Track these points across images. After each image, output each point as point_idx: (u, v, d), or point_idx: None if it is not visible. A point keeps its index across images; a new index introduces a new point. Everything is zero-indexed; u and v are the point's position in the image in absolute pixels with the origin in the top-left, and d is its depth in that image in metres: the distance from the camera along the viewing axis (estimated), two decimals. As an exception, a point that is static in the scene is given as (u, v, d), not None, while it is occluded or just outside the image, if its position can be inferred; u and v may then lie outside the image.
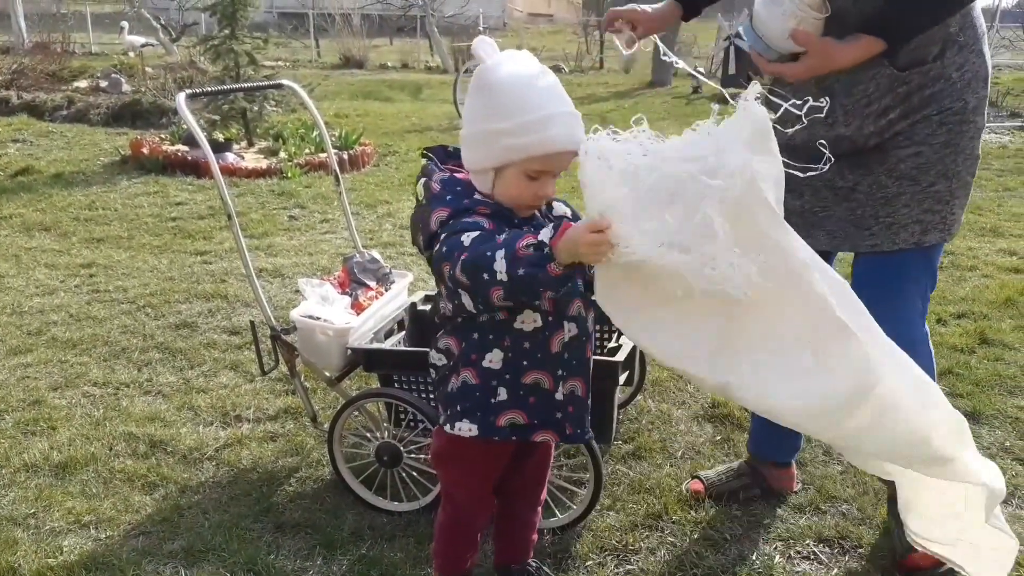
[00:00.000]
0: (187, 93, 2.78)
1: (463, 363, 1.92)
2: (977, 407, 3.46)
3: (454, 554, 2.25)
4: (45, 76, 13.11)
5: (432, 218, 1.80)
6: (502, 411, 1.92)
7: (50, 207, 6.62)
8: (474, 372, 1.91)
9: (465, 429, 1.93)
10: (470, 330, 1.89)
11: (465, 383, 1.92)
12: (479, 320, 1.87)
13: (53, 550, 2.59)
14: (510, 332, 1.87)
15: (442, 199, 1.82)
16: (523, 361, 1.89)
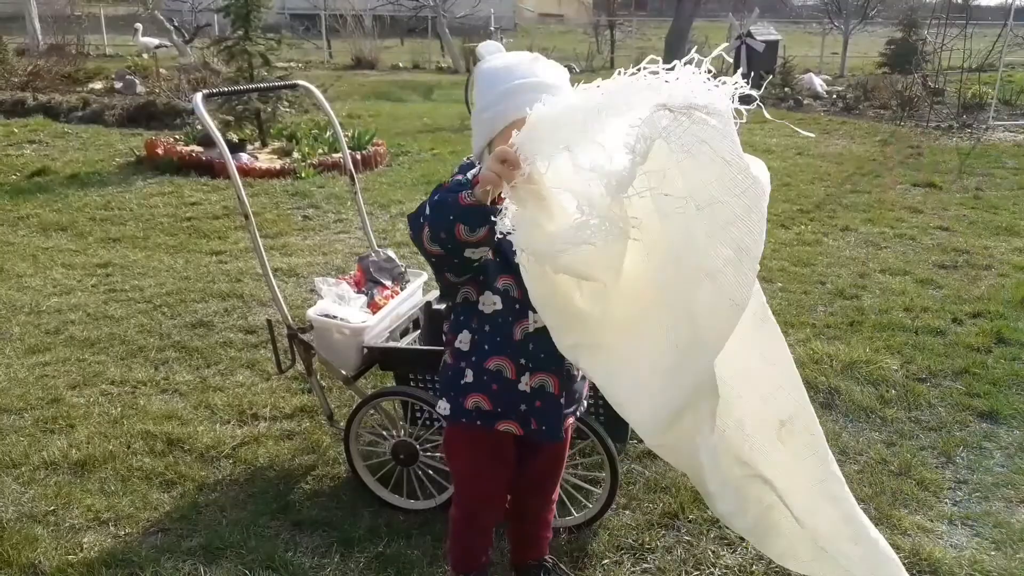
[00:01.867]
0: (204, 93, 2.80)
1: (446, 344, 2.03)
2: (995, 407, 3.44)
3: (468, 550, 2.27)
4: (60, 78, 13.21)
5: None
6: (468, 392, 1.98)
7: (66, 207, 6.67)
8: (451, 353, 2.02)
9: (442, 407, 2.03)
10: (451, 312, 2.01)
11: (445, 363, 2.04)
12: (456, 301, 1.96)
13: (73, 547, 2.61)
14: (476, 314, 1.93)
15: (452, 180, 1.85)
16: (485, 345, 1.94)
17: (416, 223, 1.72)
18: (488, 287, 1.90)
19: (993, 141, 10.09)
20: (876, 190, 7.44)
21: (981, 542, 2.64)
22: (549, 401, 1.98)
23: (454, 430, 2.08)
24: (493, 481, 2.17)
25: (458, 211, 1.63)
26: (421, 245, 1.74)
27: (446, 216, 1.65)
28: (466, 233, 1.64)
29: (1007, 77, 14.08)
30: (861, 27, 20.03)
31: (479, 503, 2.21)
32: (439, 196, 1.68)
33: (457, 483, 2.24)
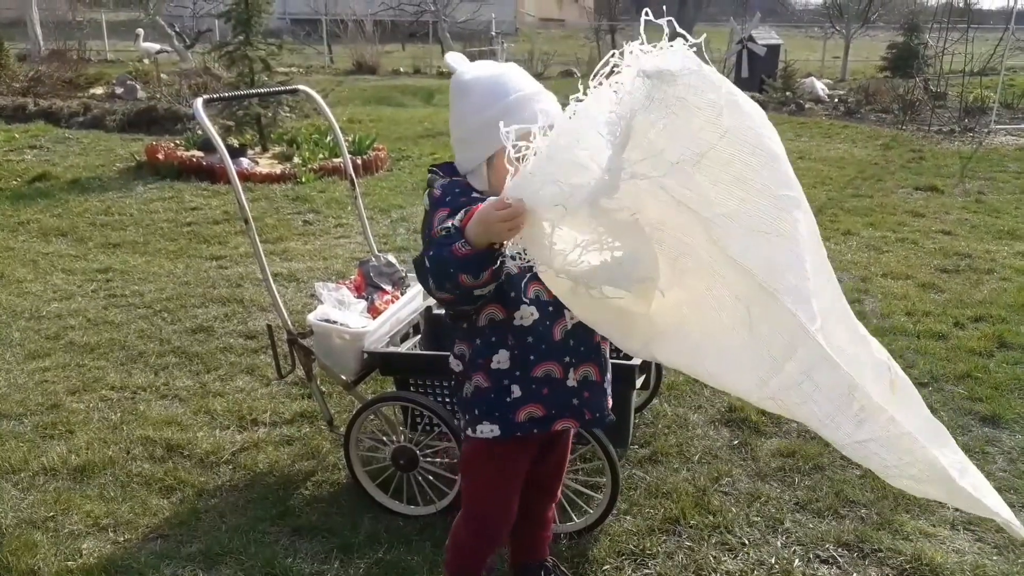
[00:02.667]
0: (204, 98, 2.79)
1: (473, 368, 1.95)
2: (997, 411, 3.43)
3: (477, 563, 2.24)
4: (61, 83, 13.21)
5: (435, 220, 1.83)
6: (519, 407, 1.94)
7: (67, 212, 6.67)
8: (484, 375, 1.94)
9: (487, 431, 1.95)
10: (474, 335, 1.93)
11: (477, 387, 1.95)
12: (479, 325, 1.91)
13: (72, 553, 2.60)
14: (512, 330, 1.90)
15: (442, 201, 1.85)
16: (530, 356, 1.92)
17: (421, 273, 1.74)
18: (520, 301, 1.88)
19: (995, 145, 10.08)
20: (878, 194, 7.43)
21: (983, 547, 2.62)
22: (595, 389, 2.01)
23: (479, 443, 2.00)
24: (513, 489, 2.14)
25: (457, 264, 1.63)
26: (431, 292, 1.75)
27: (446, 270, 1.65)
28: (470, 280, 1.66)
29: (1009, 81, 14.08)
30: (862, 31, 20.04)
31: (498, 518, 2.16)
32: (434, 252, 1.67)
33: (475, 499, 2.17)
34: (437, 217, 1.82)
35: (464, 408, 2.00)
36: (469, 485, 2.17)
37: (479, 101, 1.85)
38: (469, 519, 2.19)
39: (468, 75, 1.89)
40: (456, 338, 2.00)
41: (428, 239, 1.81)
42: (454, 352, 2.01)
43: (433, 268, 1.68)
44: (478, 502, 2.16)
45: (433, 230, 1.81)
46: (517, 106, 1.81)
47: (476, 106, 1.85)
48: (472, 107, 1.86)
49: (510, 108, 1.80)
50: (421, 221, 1.96)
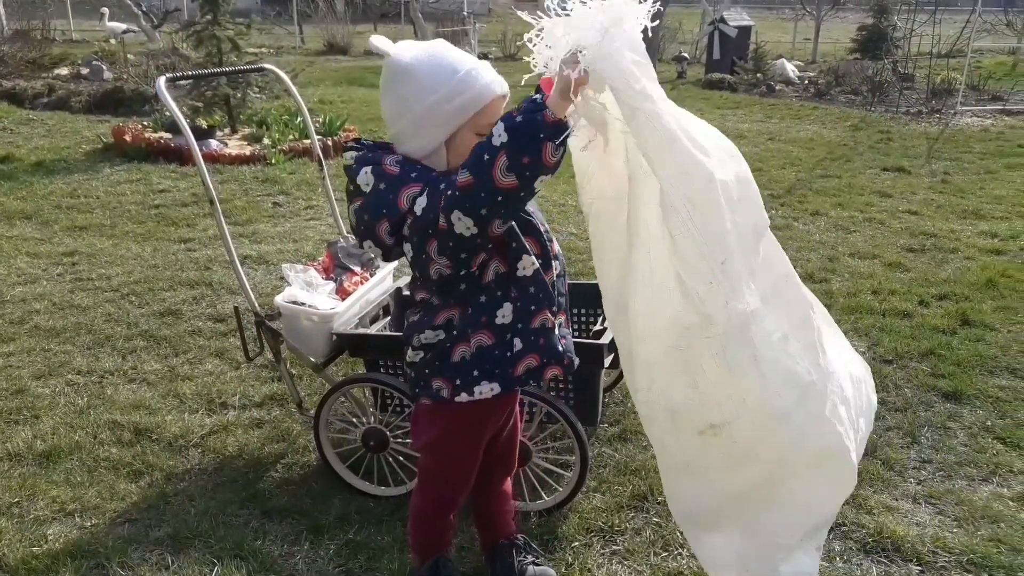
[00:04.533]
0: (167, 77, 2.75)
1: (473, 328, 1.93)
2: (959, 387, 3.49)
3: (436, 536, 2.26)
4: (25, 63, 12.93)
5: (401, 197, 1.78)
6: (519, 360, 1.96)
7: (31, 195, 6.56)
8: (488, 333, 1.94)
9: (487, 390, 1.96)
10: (477, 294, 1.92)
11: (480, 346, 1.94)
12: (484, 281, 1.90)
13: (38, 538, 2.58)
14: (515, 282, 1.92)
15: (406, 178, 1.80)
16: (531, 306, 1.95)
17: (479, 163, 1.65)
18: (522, 251, 1.91)
19: (961, 126, 10.20)
20: (846, 175, 7.50)
21: (944, 520, 2.68)
22: (568, 335, 2.07)
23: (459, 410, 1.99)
24: (477, 458, 2.17)
25: (548, 129, 1.62)
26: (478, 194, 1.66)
27: (535, 135, 1.62)
28: (551, 153, 1.64)
29: (975, 63, 14.23)
30: (833, 13, 20.12)
31: (461, 483, 2.19)
32: (520, 119, 1.63)
33: (440, 466, 2.17)
34: (407, 194, 1.76)
35: (452, 374, 1.96)
36: (435, 455, 2.16)
37: (428, 83, 1.80)
38: (428, 487, 2.21)
39: (405, 58, 1.83)
40: (438, 311, 1.94)
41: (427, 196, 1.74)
42: (432, 325, 1.95)
43: (515, 138, 1.63)
44: (443, 468, 2.17)
45: (399, 207, 1.76)
46: (468, 82, 1.81)
47: (425, 88, 1.80)
48: (421, 90, 1.81)
49: (460, 85, 1.80)
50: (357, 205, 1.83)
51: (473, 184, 1.66)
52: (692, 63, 16.47)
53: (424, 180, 1.78)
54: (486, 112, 1.83)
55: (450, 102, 1.80)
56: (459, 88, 1.80)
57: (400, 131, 1.86)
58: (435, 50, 1.85)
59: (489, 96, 1.83)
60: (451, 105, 1.80)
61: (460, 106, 1.81)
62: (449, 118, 1.82)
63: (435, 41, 1.89)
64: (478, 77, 1.82)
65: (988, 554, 2.50)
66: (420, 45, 1.87)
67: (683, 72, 15.26)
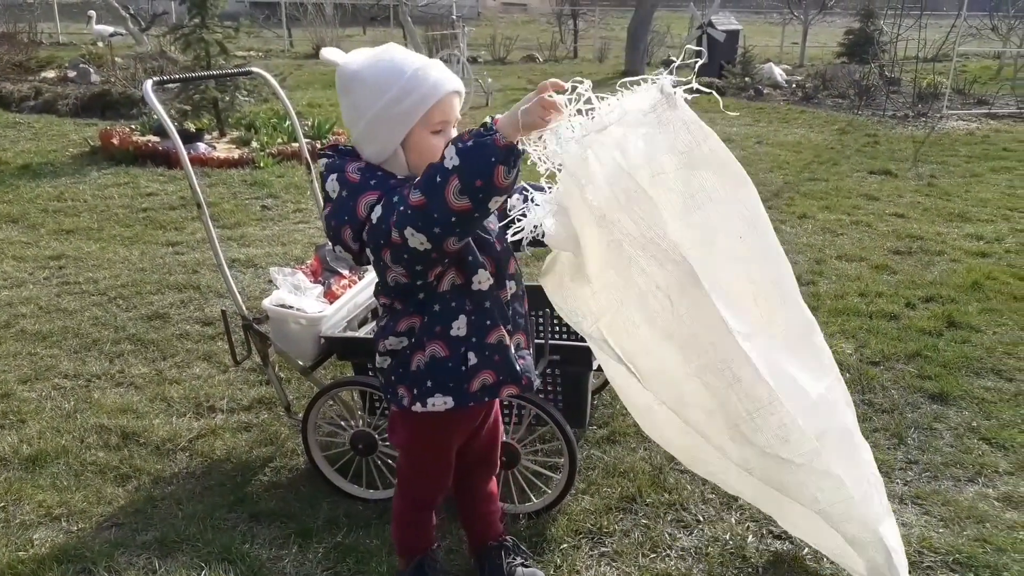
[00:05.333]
0: (154, 80, 2.74)
1: (428, 337, 1.93)
2: (945, 389, 3.52)
3: (422, 532, 2.28)
4: (11, 66, 12.88)
5: (360, 205, 1.78)
6: (474, 376, 1.95)
7: (17, 199, 6.52)
8: (443, 344, 1.93)
9: (440, 403, 1.95)
10: (432, 303, 1.91)
11: (433, 357, 1.93)
12: (440, 290, 1.89)
13: (23, 543, 2.56)
14: (471, 295, 1.92)
15: (365, 185, 1.80)
16: (486, 321, 1.94)
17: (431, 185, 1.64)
18: (477, 265, 1.90)
19: (947, 130, 10.28)
20: (833, 178, 7.54)
21: (930, 520, 2.70)
22: (526, 355, 2.06)
23: (423, 418, 2.00)
24: (450, 464, 2.18)
25: (499, 153, 1.61)
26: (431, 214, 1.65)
27: (487, 159, 1.61)
28: (504, 176, 1.62)
29: (961, 67, 14.35)
30: (820, 17, 20.24)
31: (434, 489, 2.21)
32: (472, 143, 1.62)
33: (411, 472, 2.21)
34: (364, 201, 1.76)
35: (412, 383, 1.96)
36: (407, 459, 2.19)
37: (377, 86, 1.80)
38: (405, 489, 2.23)
39: (353, 65, 1.83)
40: (400, 317, 1.95)
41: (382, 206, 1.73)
42: (396, 331, 1.95)
43: (468, 161, 1.62)
44: (415, 471, 2.19)
45: (359, 215, 1.76)
46: (416, 81, 1.81)
47: (375, 92, 1.80)
48: (371, 95, 1.81)
49: (408, 85, 1.80)
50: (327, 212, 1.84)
51: (426, 204, 1.66)
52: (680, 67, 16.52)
53: (381, 188, 1.78)
54: (438, 109, 1.83)
55: (400, 103, 1.80)
56: (408, 88, 1.80)
57: (357, 137, 1.87)
58: (383, 54, 1.85)
59: (441, 92, 1.82)
60: (402, 106, 1.80)
61: (411, 105, 1.80)
62: (402, 119, 1.81)
63: (385, 45, 1.89)
64: (427, 76, 1.81)
65: (974, 554, 2.52)
66: (370, 51, 1.87)
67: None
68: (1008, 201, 6.75)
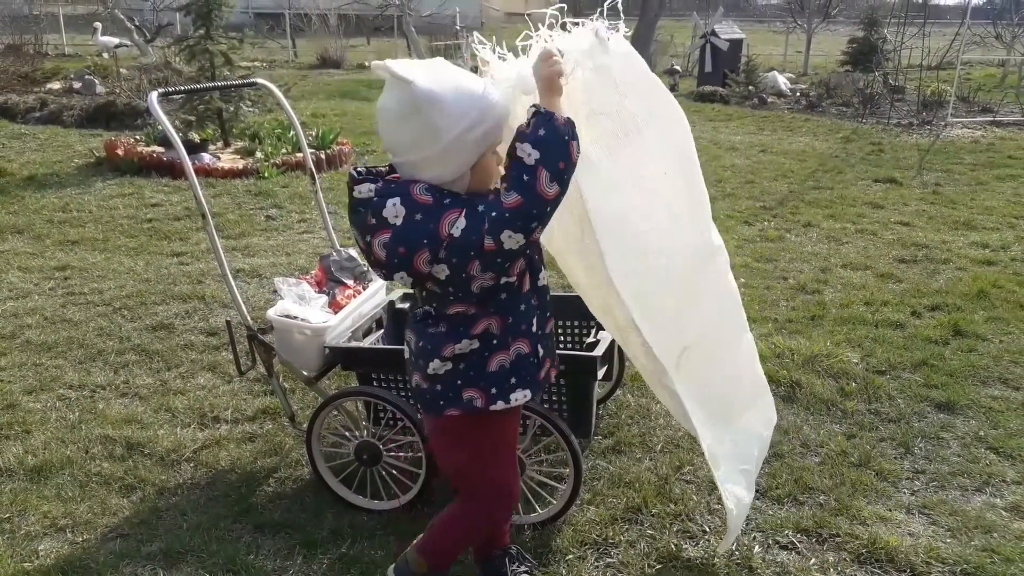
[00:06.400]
0: (159, 92, 2.75)
1: (514, 335, 1.97)
2: (951, 398, 3.50)
3: (452, 554, 2.27)
4: (17, 78, 12.95)
5: (443, 224, 1.75)
6: (542, 366, 2.07)
7: (23, 209, 6.54)
8: (527, 341, 2.01)
9: (521, 396, 2.02)
10: (517, 302, 1.96)
11: (519, 354, 1.99)
12: (523, 291, 1.96)
13: (29, 554, 2.56)
14: (537, 291, 2.02)
15: (441, 205, 1.78)
16: (547, 313, 2.09)
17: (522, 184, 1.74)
18: (541, 264, 2.04)
19: (951, 138, 10.27)
20: (838, 186, 7.53)
21: (937, 530, 2.68)
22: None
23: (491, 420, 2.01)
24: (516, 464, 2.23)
25: (569, 130, 1.76)
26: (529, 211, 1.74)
27: (561, 141, 1.75)
28: (576, 149, 1.79)
29: (965, 75, 14.34)
30: (824, 26, 20.30)
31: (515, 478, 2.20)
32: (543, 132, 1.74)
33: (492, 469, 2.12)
34: (447, 220, 1.75)
35: (488, 383, 1.96)
36: (477, 463, 2.11)
37: (456, 111, 1.77)
38: (477, 503, 2.16)
39: (424, 83, 1.76)
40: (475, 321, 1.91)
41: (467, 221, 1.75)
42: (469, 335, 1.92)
43: (547, 148, 1.74)
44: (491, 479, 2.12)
45: (441, 235, 1.75)
46: (488, 107, 1.82)
47: (455, 116, 1.77)
48: (451, 118, 1.77)
49: (484, 112, 1.81)
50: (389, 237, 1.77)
51: (523, 203, 1.74)
52: (684, 76, 16.56)
53: (460, 205, 1.79)
54: (505, 130, 1.90)
55: (478, 127, 1.79)
56: (484, 114, 1.80)
57: (424, 158, 1.81)
58: (450, 75, 1.81)
59: (507, 114, 1.91)
60: (478, 132, 1.80)
61: (486, 132, 1.82)
62: (477, 145, 1.82)
63: (438, 61, 1.85)
64: (495, 100, 1.84)
65: (981, 564, 2.50)
66: (430, 68, 1.82)
67: (675, 85, 15.33)
68: (1013, 209, 6.73)
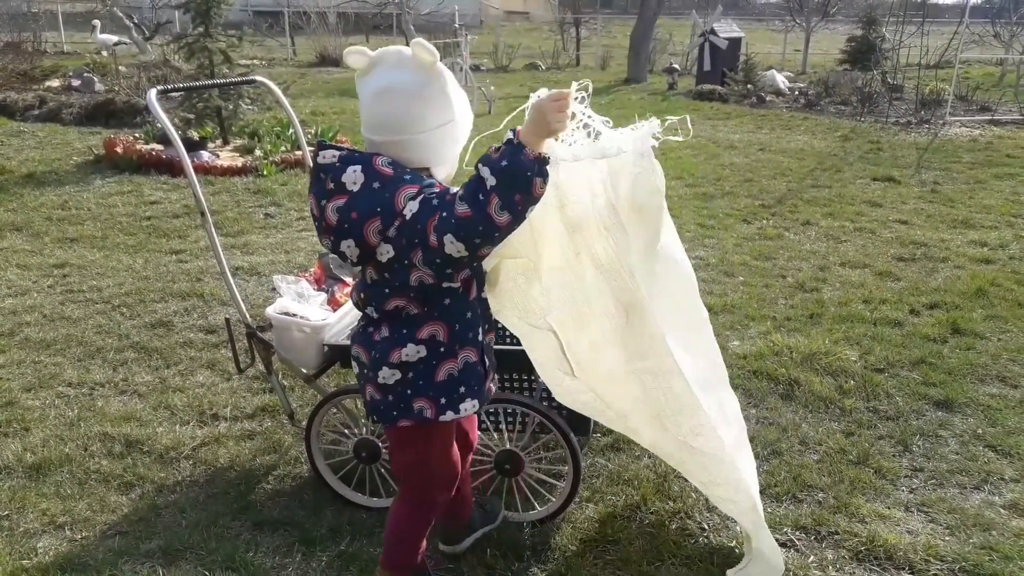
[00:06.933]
0: (158, 89, 2.75)
1: (462, 344, 1.96)
2: (950, 396, 3.51)
3: (415, 547, 2.27)
4: (16, 75, 12.93)
5: (398, 196, 1.77)
6: (488, 377, 2.05)
7: (22, 207, 6.54)
8: (474, 350, 1.99)
9: (471, 407, 2.01)
10: (463, 310, 1.95)
11: (467, 363, 1.98)
12: (470, 298, 1.96)
13: (27, 551, 2.56)
14: (481, 301, 2.02)
15: (400, 179, 1.79)
16: (488, 325, 2.07)
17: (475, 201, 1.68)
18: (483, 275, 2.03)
19: (950, 136, 10.27)
20: (836, 185, 7.54)
21: (936, 528, 2.69)
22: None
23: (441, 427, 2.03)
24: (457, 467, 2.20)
25: (535, 167, 1.70)
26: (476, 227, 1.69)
27: (524, 174, 1.68)
28: (540, 186, 1.72)
29: (963, 74, 14.35)
30: (822, 24, 20.30)
31: (448, 486, 2.20)
32: (505, 163, 1.67)
33: (433, 478, 2.16)
34: (404, 194, 1.76)
35: (437, 393, 1.96)
36: (421, 471, 2.15)
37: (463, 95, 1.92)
38: (414, 507, 2.20)
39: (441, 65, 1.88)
40: (420, 324, 1.92)
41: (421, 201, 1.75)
42: (415, 339, 1.92)
43: (506, 178, 1.67)
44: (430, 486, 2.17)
45: (396, 207, 1.76)
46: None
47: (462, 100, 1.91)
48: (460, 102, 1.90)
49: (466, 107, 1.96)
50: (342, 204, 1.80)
51: (471, 217, 1.69)
52: (683, 74, 16.56)
53: (419, 183, 1.79)
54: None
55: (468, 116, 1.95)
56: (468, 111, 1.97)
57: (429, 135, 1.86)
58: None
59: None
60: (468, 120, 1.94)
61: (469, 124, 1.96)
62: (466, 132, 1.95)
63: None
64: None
65: (980, 562, 2.51)
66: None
67: (674, 83, 15.34)
68: (1012, 208, 6.74)
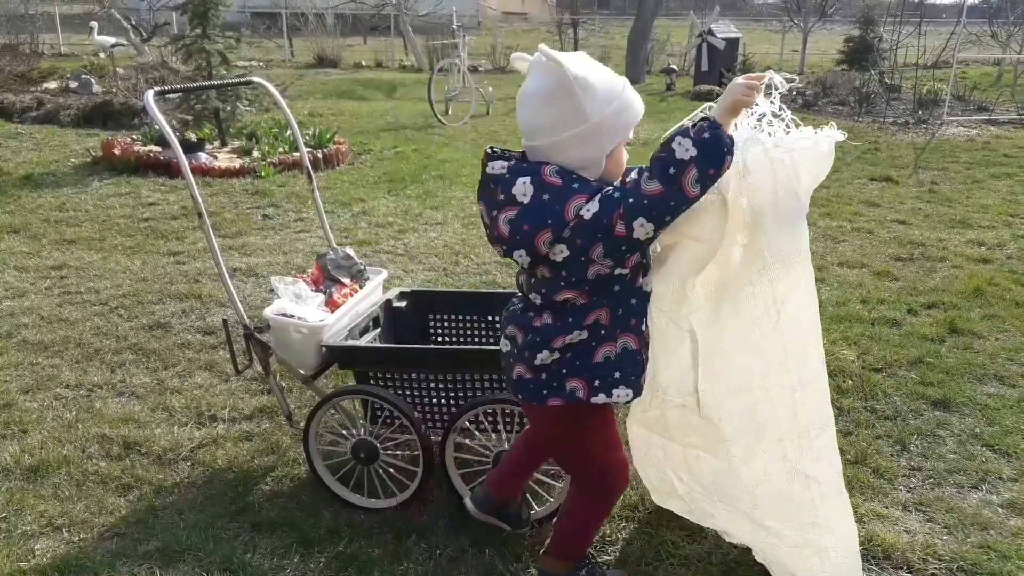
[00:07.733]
0: (155, 90, 2.75)
1: (622, 329, 1.98)
2: (947, 395, 3.51)
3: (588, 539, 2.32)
4: (13, 77, 12.93)
5: (568, 207, 1.80)
6: (644, 371, 2.06)
7: (19, 209, 6.53)
8: (635, 338, 2.00)
9: (623, 395, 2.01)
10: (628, 296, 1.96)
11: (625, 349, 1.99)
12: (636, 285, 1.97)
13: (25, 553, 2.56)
14: (646, 294, 2.03)
15: (570, 189, 1.82)
16: (648, 318, 2.06)
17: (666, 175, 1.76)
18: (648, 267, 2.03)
19: (947, 136, 10.29)
20: (834, 185, 7.54)
21: (934, 527, 2.69)
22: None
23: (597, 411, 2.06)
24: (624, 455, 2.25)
25: (730, 144, 1.80)
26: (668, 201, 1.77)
27: (720, 150, 1.77)
28: (729, 164, 1.82)
29: (960, 74, 14.37)
30: (820, 25, 20.31)
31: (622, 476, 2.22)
32: (709, 135, 1.76)
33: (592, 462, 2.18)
34: (574, 204, 1.80)
35: (592, 375, 1.98)
36: (581, 452, 2.17)
37: (607, 94, 1.85)
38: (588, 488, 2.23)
39: (575, 68, 1.82)
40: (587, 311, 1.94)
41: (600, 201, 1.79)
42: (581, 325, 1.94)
43: (705, 154, 1.76)
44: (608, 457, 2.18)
45: (566, 217, 1.79)
46: (629, 97, 1.90)
47: (604, 99, 1.84)
48: (600, 101, 1.83)
49: (625, 99, 1.88)
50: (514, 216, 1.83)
51: (663, 193, 1.76)
52: (680, 75, 16.56)
53: (589, 191, 1.82)
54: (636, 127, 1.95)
55: (622, 114, 1.88)
56: (625, 102, 1.88)
57: (564, 141, 1.85)
58: (596, 66, 1.89)
59: (641, 112, 1.94)
60: (622, 117, 1.88)
61: (627, 120, 1.90)
62: (620, 129, 1.89)
63: (582, 55, 1.90)
64: (632, 99, 1.91)
65: (978, 561, 2.51)
66: (578, 57, 1.87)
67: (672, 84, 15.34)
68: (1009, 207, 6.75)
